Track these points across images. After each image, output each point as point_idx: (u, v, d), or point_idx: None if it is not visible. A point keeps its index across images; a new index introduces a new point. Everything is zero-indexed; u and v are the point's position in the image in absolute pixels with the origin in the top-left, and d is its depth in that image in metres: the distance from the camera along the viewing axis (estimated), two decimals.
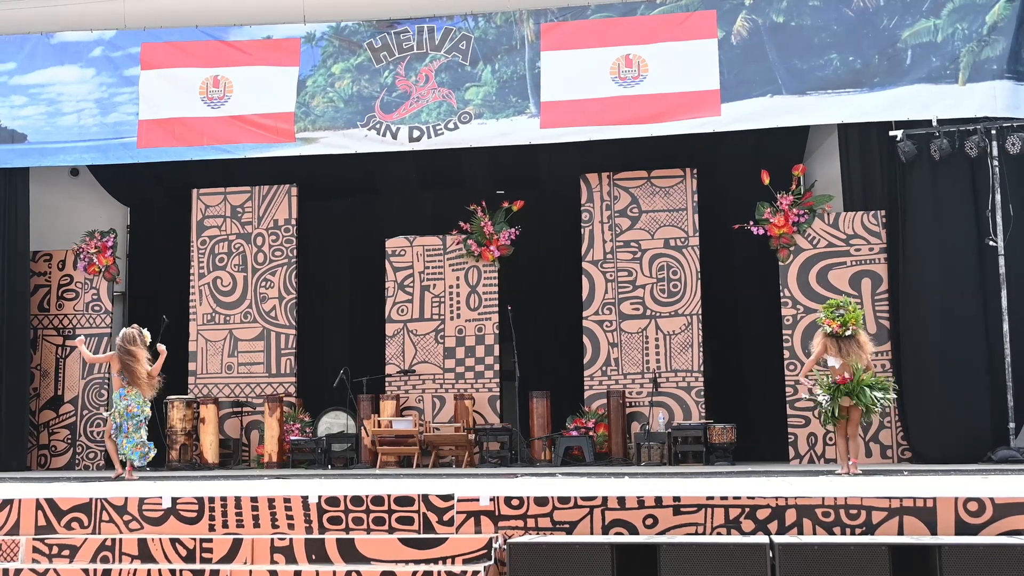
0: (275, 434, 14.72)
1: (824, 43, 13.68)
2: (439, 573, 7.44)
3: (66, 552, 8.06)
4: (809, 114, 13.74)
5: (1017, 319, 12.99)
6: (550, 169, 15.82)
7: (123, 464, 12.04)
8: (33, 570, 7.86)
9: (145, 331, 12.19)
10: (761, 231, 14.09)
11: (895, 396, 11.36)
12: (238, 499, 8.15)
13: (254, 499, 8.13)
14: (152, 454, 12.11)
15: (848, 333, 10.93)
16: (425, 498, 7.92)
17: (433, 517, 7.89)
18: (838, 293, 13.72)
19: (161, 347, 12.23)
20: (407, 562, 7.57)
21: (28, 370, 15.43)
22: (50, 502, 8.38)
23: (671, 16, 14.09)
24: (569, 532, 7.62)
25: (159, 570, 7.76)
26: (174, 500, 8.23)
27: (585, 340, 14.72)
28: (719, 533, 7.46)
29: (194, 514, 8.19)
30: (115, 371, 12.13)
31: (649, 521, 7.55)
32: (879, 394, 10.82)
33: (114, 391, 12.22)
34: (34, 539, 8.17)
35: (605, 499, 7.64)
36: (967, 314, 13.23)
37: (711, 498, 7.54)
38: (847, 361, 10.86)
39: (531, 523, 7.69)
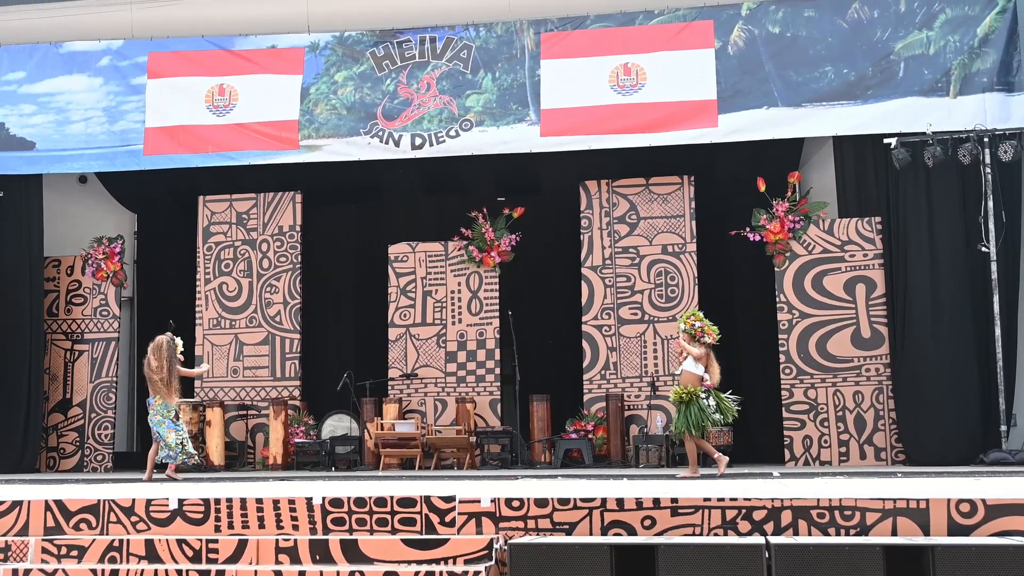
0: (280, 437, 14.78)
1: (819, 55, 13.73)
2: (441, 573, 7.51)
3: (75, 552, 8.15)
4: (804, 127, 13.79)
5: (1008, 324, 13.09)
6: (550, 176, 15.90)
7: (163, 467, 12.09)
8: (42, 570, 7.96)
9: (178, 340, 12.26)
10: (757, 237, 14.14)
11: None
12: (243, 500, 8.24)
13: (259, 500, 8.22)
14: (179, 456, 12.01)
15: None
16: (427, 499, 8.00)
17: (435, 518, 7.96)
18: (833, 298, 13.88)
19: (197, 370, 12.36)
20: (409, 562, 7.65)
21: (41, 373, 15.49)
22: (59, 503, 8.48)
23: (669, 26, 14.13)
24: (569, 533, 7.70)
25: (166, 570, 7.86)
26: (181, 501, 8.32)
27: (584, 344, 14.80)
28: (716, 534, 7.54)
29: (200, 515, 8.28)
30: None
31: (647, 522, 7.65)
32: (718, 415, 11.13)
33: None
34: (43, 540, 8.28)
35: (604, 500, 7.72)
36: (959, 319, 13.31)
37: (708, 499, 7.63)
38: (712, 370, 11.04)
39: (531, 524, 7.78)
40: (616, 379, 14.62)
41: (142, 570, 7.86)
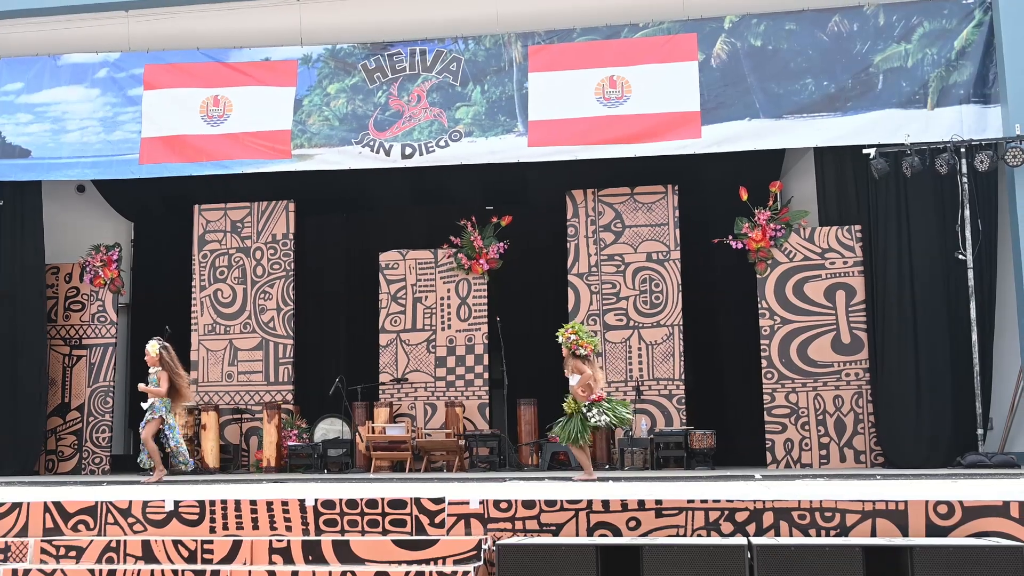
0: (273, 440, 14.89)
1: (800, 68, 13.88)
2: (431, 573, 7.50)
3: (73, 553, 8.16)
4: (785, 138, 13.94)
5: (984, 329, 13.28)
6: (537, 185, 16.02)
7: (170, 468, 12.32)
8: (41, 570, 7.93)
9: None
10: (740, 245, 14.30)
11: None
12: (238, 502, 8.28)
13: (253, 502, 8.26)
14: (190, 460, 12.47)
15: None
16: (417, 501, 8.04)
17: (425, 519, 8.00)
18: (813, 304, 14.08)
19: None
20: (400, 563, 7.65)
21: (44, 378, 15.61)
22: (57, 505, 8.50)
23: (653, 39, 14.29)
24: (555, 534, 7.71)
25: (162, 570, 7.85)
26: (176, 503, 8.36)
27: None
28: (699, 535, 7.55)
29: (195, 517, 8.32)
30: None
31: (632, 523, 7.66)
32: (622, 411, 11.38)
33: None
34: (42, 540, 8.29)
35: (590, 502, 7.74)
36: (937, 324, 13.50)
37: (692, 501, 7.64)
38: (596, 379, 11.28)
39: (519, 525, 7.78)
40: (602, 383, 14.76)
41: (139, 570, 7.88)
